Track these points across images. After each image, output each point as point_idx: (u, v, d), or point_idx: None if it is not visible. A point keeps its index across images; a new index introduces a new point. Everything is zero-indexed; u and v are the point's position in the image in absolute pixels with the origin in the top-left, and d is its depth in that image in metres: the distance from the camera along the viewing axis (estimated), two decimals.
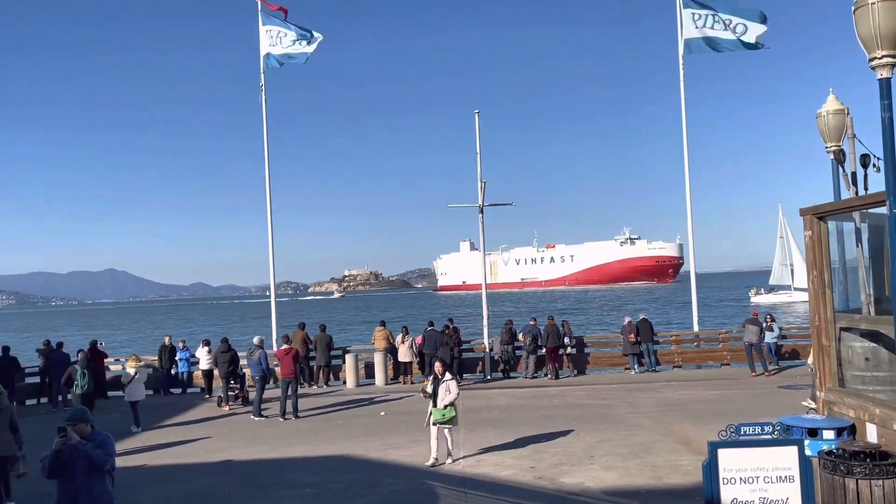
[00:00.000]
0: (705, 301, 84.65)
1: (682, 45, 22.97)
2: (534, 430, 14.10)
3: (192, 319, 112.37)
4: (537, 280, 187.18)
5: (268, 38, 22.92)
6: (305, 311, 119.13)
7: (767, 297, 72.91)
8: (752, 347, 20.40)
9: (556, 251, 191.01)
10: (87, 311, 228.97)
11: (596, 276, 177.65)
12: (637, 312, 24.86)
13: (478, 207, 22.83)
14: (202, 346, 21.14)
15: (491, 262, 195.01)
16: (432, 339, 21.14)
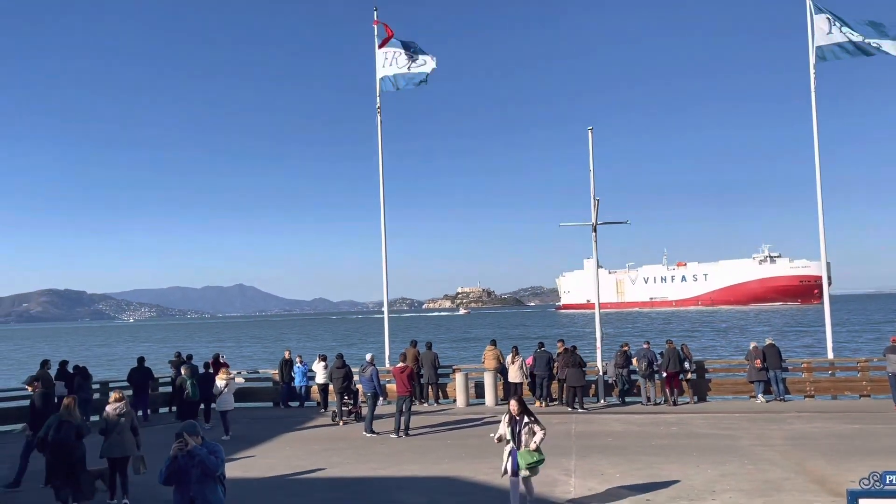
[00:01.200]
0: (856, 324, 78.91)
1: (814, 54, 21.59)
2: (649, 459, 13.47)
3: (313, 334, 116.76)
4: (667, 299, 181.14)
5: (383, 60, 23.53)
6: (423, 326, 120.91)
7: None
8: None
9: (688, 269, 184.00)
10: (219, 324, 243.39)
11: (732, 296, 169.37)
12: (764, 336, 23.37)
13: (591, 226, 22.30)
14: (318, 361, 21.74)
15: (617, 280, 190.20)
16: (543, 359, 20.77)
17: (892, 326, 68.81)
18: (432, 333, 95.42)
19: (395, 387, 17.58)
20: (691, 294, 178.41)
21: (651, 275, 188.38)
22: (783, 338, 61.41)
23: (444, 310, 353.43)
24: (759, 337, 26.83)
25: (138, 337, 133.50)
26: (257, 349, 77.93)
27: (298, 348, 54.45)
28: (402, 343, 23.34)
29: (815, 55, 21.71)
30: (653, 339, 22.63)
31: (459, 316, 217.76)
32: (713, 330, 79.75)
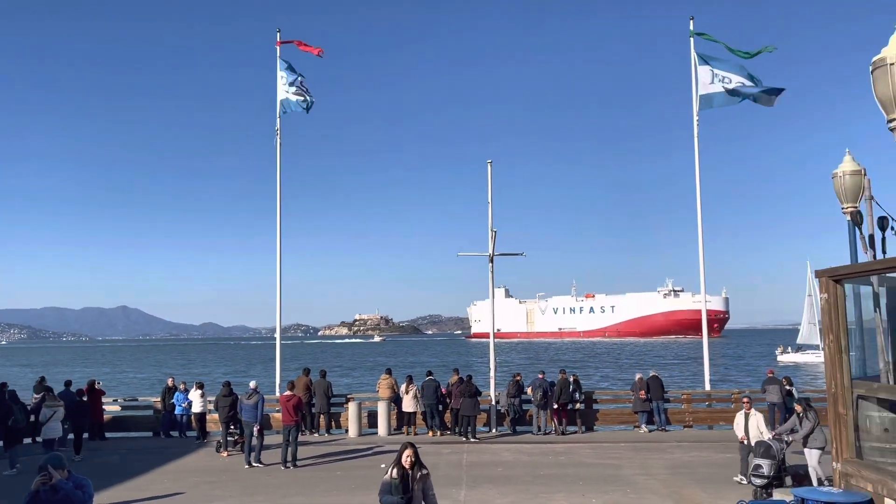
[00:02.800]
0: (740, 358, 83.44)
1: (697, 101, 23.02)
2: (538, 489, 13.66)
3: (200, 360, 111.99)
4: (575, 330, 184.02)
5: (283, 84, 23.23)
6: (320, 354, 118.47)
7: (794, 356, 71.59)
8: (776, 407, 19.99)
9: (596, 301, 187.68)
10: (97, 349, 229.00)
11: (638, 329, 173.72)
12: (648, 369, 24.34)
13: (488, 257, 22.64)
14: (195, 389, 20.86)
15: (528, 310, 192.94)
16: (431, 388, 20.75)
17: (769, 360, 73.39)
18: (331, 361, 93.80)
19: (281, 416, 17.04)
20: (599, 325, 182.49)
21: (560, 305, 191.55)
22: (672, 369, 64.34)
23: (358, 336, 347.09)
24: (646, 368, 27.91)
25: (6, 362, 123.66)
26: (138, 375, 73.87)
27: (184, 375, 52.10)
28: (297, 371, 22.69)
29: (697, 103, 23.16)
30: (547, 369, 23.07)
31: (375, 343, 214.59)
32: (611, 360, 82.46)
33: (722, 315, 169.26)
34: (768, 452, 11.96)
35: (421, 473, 7.97)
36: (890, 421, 8.26)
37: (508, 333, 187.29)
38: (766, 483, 11.61)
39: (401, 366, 70.76)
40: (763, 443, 12.38)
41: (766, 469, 11.65)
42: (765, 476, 11.64)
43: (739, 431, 14.03)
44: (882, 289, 9.07)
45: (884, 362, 8.80)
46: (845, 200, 10.63)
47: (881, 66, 6.68)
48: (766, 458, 11.84)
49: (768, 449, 12.06)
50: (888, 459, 8.26)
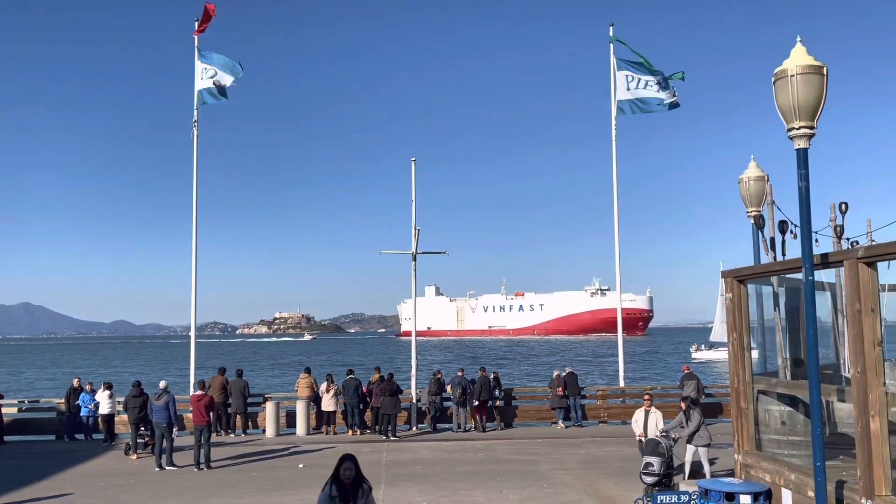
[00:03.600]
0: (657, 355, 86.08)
1: (615, 107, 23.67)
2: (457, 486, 13.75)
3: (111, 360, 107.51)
4: (505, 328, 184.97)
5: (202, 74, 22.53)
6: (239, 352, 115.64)
7: (708, 353, 74.29)
8: None
9: (526, 299, 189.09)
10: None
11: (566, 327, 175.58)
12: (564, 365, 24.90)
13: (411, 255, 22.64)
14: (103, 389, 20.03)
15: (458, 308, 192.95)
16: (351, 387, 20.62)
17: (685, 357, 76.00)
18: (254, 360, 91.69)
19: (192, 416, 16.57)
20: (528, 323, 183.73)
21: (490, 303, 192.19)
22: (594, 367, 65.96)
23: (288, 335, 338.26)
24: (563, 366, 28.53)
25: None
26: (40, 375, 70.21)
27: (92, 375, 49.87)
28: (215, 371, 22.04)
29: (615, 108, 23.83)
30: (471, 366, 23.27)
31: (305, 342, 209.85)
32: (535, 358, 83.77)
33: (646, 314, 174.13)
34: (656, 450, 11.83)
35: (362, 489, 7.27)
36: (787, 414, 8.72)
37: (439, 331, 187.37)
38: (656, 481, 11.48)
39: (326, 365, 70.00)
40: (653, 440, 12.34)
41: (657, 467, 11.58)
42: (655, 474, 11.54)
43: (638, 429, 14.08)
44: (781, 289, 9.57)
45: (782, 359, 9.29)
46: (750, 205, 11.14)
47: (782, 77, 7.03)
48: (655, 455, 11.73)
49: (657, 446, 11.94)
50: (784, 451, 8.72)
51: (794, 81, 6.91)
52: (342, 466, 7.24)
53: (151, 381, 24.85)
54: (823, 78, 6.96)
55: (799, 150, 7.05)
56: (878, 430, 6.81)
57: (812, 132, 7.02)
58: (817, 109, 6.95)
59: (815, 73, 6.93)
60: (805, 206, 7.03)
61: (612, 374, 56.21)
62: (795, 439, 8.61)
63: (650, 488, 11.34)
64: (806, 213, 7.03)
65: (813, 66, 6.95)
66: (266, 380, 56.14)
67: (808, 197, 7.04)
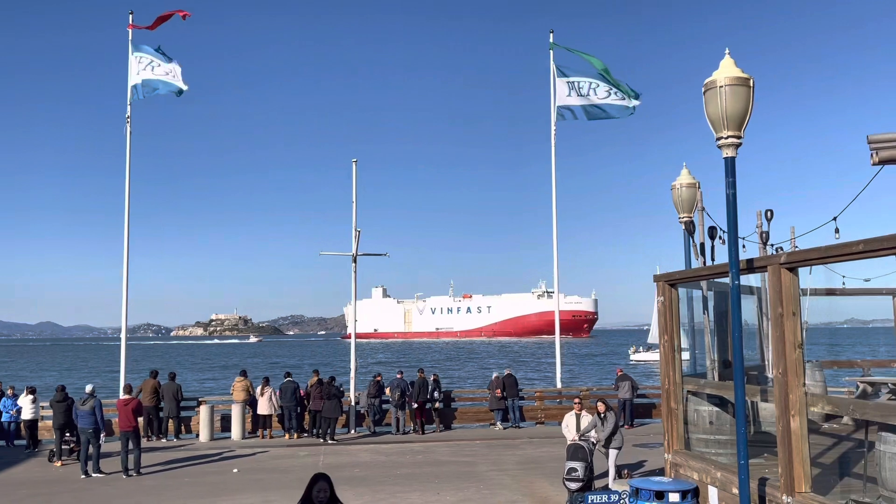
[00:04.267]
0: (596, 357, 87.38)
1: (554, 113, 24.04)
2: (394, 488, 13.71)
3: (37, 363, 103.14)
4: (452, 330, 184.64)
5: (137, 66, 21.86)
6: (175, 354, 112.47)
7: (645, 355, 75.87)
8: (626, 403, 21.31)
9: (473, 301, 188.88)
10: None
11: (513, 329, 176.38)
12: (504, 367, 25.14)
13: (351, 256, 22.49)
14: (26, 394, 19.23)
15: (405, 310, 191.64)
16: (289, 390, 20.35)
17: (622, 359, 77.39)
18: (188, 363, 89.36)
19: (118, 421, 16.04)
20: (475, 325, 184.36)
21: (438, 306, 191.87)
22: (535, 368, 66.63)
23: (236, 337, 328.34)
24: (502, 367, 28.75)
25: None
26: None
27: (13, 379, 47.86)
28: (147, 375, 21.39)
29: (555, 114, 24.22)
30: (406, 368, 23.23)
31: (251, 344, 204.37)
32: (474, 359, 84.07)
33: (591, 316, 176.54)
34: (578, 454, 11.54)
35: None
36: (715, 414, 9.01)
37: (386, 333, 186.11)
38: (581, 486, 11.22)
39: (266, 367, 68.80)
40: (575, 445, 12.01)
41: (581, 472, 11.33)
42: (580, 479, 11.28)
43: (570, 433, 13.49)
44: (710, 293, 9.88)
45: (710, 360, 9.59)
46: (682, 211, 11.48)
47: (712, 88, 7.28)
48: (578, 460, 11.44)
49: (577, 450, 11.63)
50: (712, 450, 9.00)
51: (722, 92, 7.16)
52: (315, 487, 6.38)
53: (79, 386, 23.96)
54: (750, 89, 7.23)
55: (727, 158, 7.31)
56: (798, 428, 7.10)
57: (739, 141, 7.28)
58: (744, 119, 7.22)
59: (742, 84, 7.19)
60: (732, 212, 7.29)
61: (553, 375, 56.91)
62: (722, 438, 8.90)
63: (575, 493, 11.17)
64: (733, 220, 7.29)
65: (740, 77, 7.22)
66: (202, 383, 54.85)
67: (735, 204, 7.30)
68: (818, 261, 7.09)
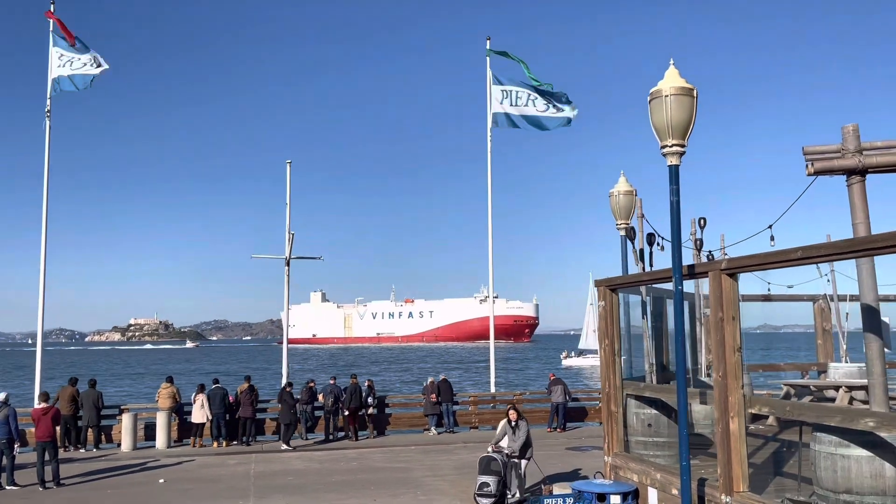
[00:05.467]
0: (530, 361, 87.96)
1: (490, 119, 24.26)
2: (330, 496, 13.46)
3: None
4: (394, 335, 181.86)
5: (58, 61, 20.85)
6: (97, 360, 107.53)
7: (577, 360, 76.89)
8: (559, 406, 21.81)
9: (415, 306, 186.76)
10: None
11: (455, 333, 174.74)
12: (439, 372, 25.13)
13: (285, 259, 22.04)
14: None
15: (346, 314, 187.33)
16: (218, 397, 19.75)
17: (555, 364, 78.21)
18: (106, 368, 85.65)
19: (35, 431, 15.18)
20: (417, 330, 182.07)
21: (379, 310, 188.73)
22: (470, 373, 66.69)
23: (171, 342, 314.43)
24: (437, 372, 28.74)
25: None
26: None
27: None
28: (64, 382, 20.31)
29: (490, 120, 24.44)
30: (338, 375, 22.89)
31: (187, 349, 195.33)
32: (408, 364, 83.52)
33: (532, 321, 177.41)
34: (490, 468, 10.86)
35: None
36: (653, 417, 9.19)
37: (325, 339, 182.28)
38: (494, 502, 10.63)
39: (191, 373, 66.60)
40: (487, 457, 11.25)
41: (493, 486, 10.64)
42: (492, 494, 10.63)
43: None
44: (649, 298, 10.09)
45: (648, 364, 9.79)
46: (619, 217, 11.71)
47: (657, 97, 7.44)
48: (489, 474, 10.74)
49: (490, 463, 10.94)
50: (650, 452, 9.18)
51: (668, 101, 7.32)
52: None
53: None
54: (694, 99, 7.43)
55: (671, 166, 7.48)
56: (736, 430, 7.32)
57: (683, 150, 7.46)
58: (688, 128, 7.40)
59: (687, 94, 7.38)
60: (676, 219, 7.46)
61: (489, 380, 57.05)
62: (660, 440, 9.09)
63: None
64: (676, 226, 7.45)
65: (684, 87, 7.40)
66: (118, 389, 52.64)
67: (678, 211, 7.47)
68: (757, 267, 7.33)
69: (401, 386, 52.55)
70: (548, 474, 14.12)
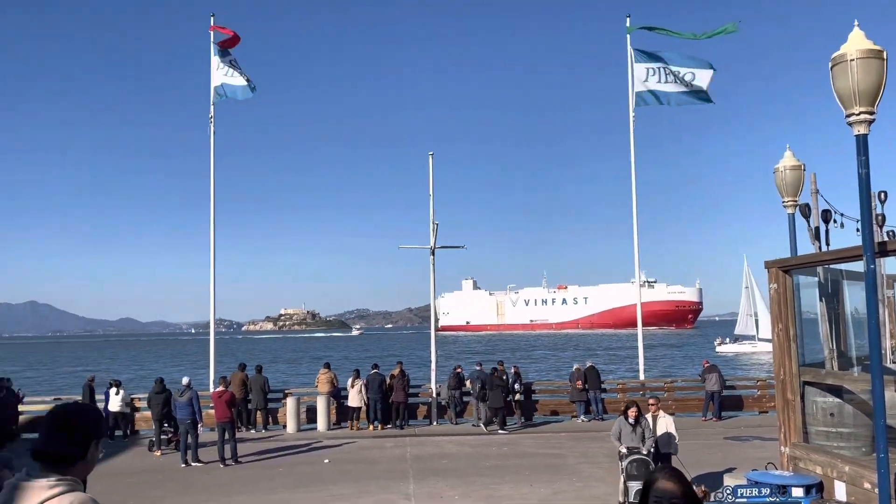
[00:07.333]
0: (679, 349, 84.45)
1: (633, 99, 23.48)
2: (485, 480, 13.65)
3: (122, 357, 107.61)
4: (547, 322, 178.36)
5: (218, 70, 22.38)
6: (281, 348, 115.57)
7: (732, 346, 72.46)
8: (714, 395, 21.06)
9: (569, 293, 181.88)
10: (6, 346, 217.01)
11: (611, 320, 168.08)
12: (585, 359, 24.81)
13: (429, 249, 22.53)
14: (112, 387, 20.10)
15: (498, 302, 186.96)
16: (375, 382, 20.56)
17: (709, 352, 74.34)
18: (276, 355, 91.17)
19: (214, 413, 16.52)
20: (572, 317, 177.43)
21: (532, 297, 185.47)
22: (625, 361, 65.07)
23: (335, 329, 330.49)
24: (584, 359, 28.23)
25: None
26: (50, 373, 70.34)
27: (104, 372, 49.91)
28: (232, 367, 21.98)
29: (633, 100, 23.64)
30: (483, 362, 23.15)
31: (354, 337, 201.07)
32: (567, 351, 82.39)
33: (695, 306, 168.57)
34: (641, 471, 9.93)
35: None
36: (835, 406, 8.58)
37: (478, 326, 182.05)
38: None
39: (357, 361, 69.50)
40: (636, 459, 10.24)
41: None
42: None
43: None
44: (826, 279, 9.42)
45: (828, 349, 9.14)
46: (786, 194, 10.97)
47: (841, 62, 6.88)
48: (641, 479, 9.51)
49: (640, 466, 10.04)
50: (833, 443, 8.58)
51: (853, 66, 6.76)
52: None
53: (170, 379, 24.75)
54: (883, 62, 6.80)
55: (858, 136, 6.90)
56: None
57: (872, 117, 6.86)
58: (877, 94, 6.79)
59: (875, 57, 6.77)
60: (865, 193, 6.88)
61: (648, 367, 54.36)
62: (844, 431, 8.47)
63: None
64: (867, 201, 6.88)
65: (872, 50, 6.79)
66: (275, 375, 56.01)
67: (868, 184, 6.90)
68: None
69: (557, 372, 51.98)
70: (707, 466, 13.63)
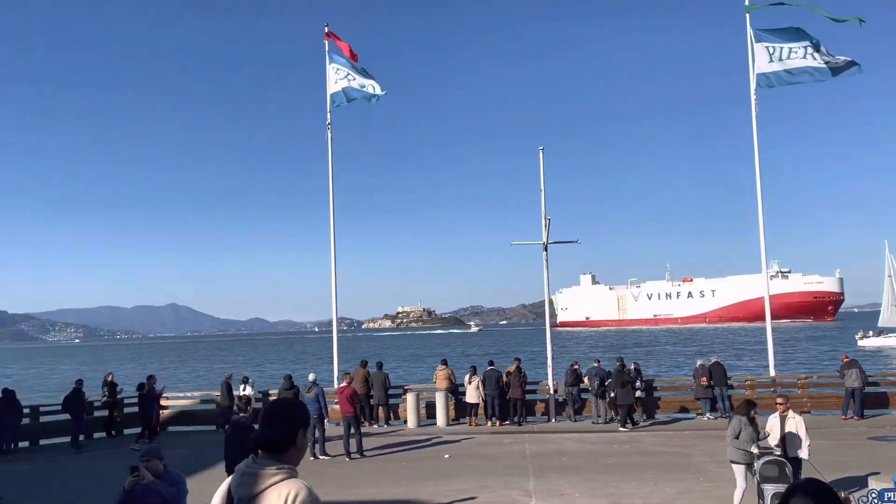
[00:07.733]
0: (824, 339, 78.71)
1: (754, 80, 22.30)
2: (607, 478, 13.43)
3: (259, 355, 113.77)
4: (672, 316, 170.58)
5: (335, 76, 23.19)
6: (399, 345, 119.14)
7: (875, 340, 66.39)
8: (855, 392, 19.80)
9: (694, 285, 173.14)
10: (151, 345, 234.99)
11: (741, 313, 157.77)
12: (710, 355, 23.83)
13: (542, 245, 22.40)
14: (242, 384, 21.33)
15: (619, 296, 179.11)
16: (493, 378, 20.68)
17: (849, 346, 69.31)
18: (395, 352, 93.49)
19: (339, 408, 17.19)
20: (698, 311, 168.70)
21: (655, 291, 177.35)
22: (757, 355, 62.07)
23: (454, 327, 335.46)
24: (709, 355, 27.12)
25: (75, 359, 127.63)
26: (195, 370, 75.43)
27: (237, 369, 52.92)
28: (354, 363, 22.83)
29: (755, 82, 22.44)
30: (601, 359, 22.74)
31: (472, 333, 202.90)
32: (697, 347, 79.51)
33: (836, 297, 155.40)
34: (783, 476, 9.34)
35: None
36: None
37: (598, 321, 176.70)
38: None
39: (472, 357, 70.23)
40: (773, 461, 9.69)
41: None
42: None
43: (774, 439, 11.23)
44: None
45: None
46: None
47: None
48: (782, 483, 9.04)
49: (782, 470, 9.45)
50: None
51: None
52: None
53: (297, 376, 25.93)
54: None
55: None
56: None
57: None
58: None
59: None
60: None
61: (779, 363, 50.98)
62: None
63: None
64: None
65: None
66: (391, 371, 57.39)
67: None
68: None
69: (679, 370, 50.26)
70: (848, 469, 12.78)
